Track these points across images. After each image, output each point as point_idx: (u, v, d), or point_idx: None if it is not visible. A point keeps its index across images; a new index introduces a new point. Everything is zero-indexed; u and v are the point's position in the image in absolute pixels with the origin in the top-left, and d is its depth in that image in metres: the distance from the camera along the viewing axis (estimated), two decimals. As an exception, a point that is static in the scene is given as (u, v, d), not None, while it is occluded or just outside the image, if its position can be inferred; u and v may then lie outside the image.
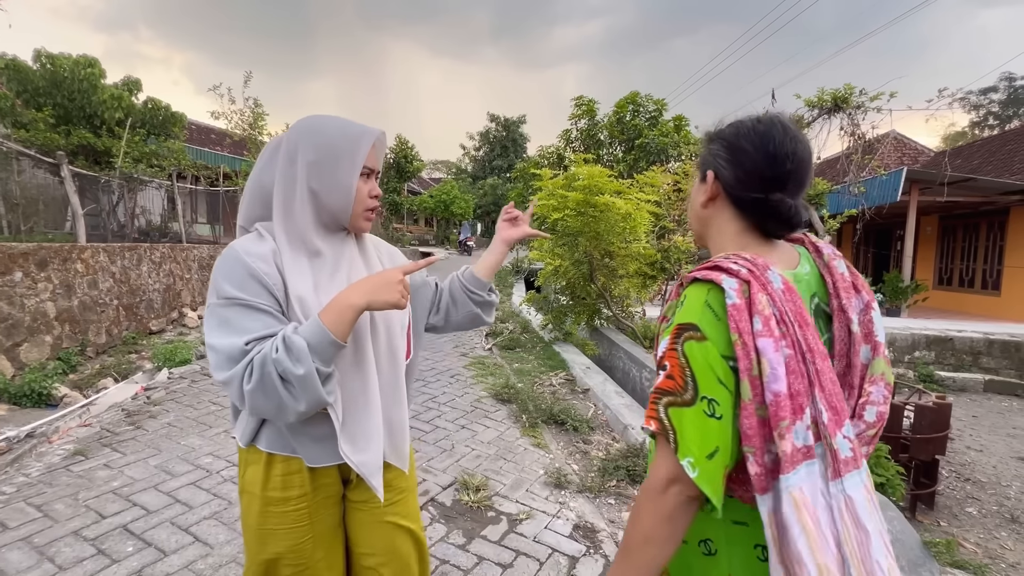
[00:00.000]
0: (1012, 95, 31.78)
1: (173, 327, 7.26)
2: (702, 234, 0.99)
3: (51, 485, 2.77)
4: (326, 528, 1.13)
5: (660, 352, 0.83)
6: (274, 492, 1.07)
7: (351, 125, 1.08)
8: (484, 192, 36.88)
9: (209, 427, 3.62)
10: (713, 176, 0.91)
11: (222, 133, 13.55)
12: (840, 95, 7.87)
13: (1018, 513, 3.62)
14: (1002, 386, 7.18)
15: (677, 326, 0.80)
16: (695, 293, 0.82)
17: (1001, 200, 10.40)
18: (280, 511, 1.08)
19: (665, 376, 0.78)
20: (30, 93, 8.66)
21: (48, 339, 4.90)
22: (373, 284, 1.00)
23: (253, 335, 0.95)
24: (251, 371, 0.92)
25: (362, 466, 1.05)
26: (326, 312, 0.96)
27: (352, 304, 0.97)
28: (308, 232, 1.06)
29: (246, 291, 0.98)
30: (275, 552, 1.09)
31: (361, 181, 1.09)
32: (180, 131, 10.70)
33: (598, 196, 5.53)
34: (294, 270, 1.03)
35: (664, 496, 0.77)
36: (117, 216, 8.19)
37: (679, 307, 0.83)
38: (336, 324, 0.95)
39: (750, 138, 0.87)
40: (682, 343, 0.78)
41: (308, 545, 1.10)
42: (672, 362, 0.78)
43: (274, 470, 1.08)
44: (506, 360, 5.88)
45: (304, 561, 1.10)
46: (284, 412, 0.94)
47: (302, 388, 0.92)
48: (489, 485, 2.89)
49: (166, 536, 2.33)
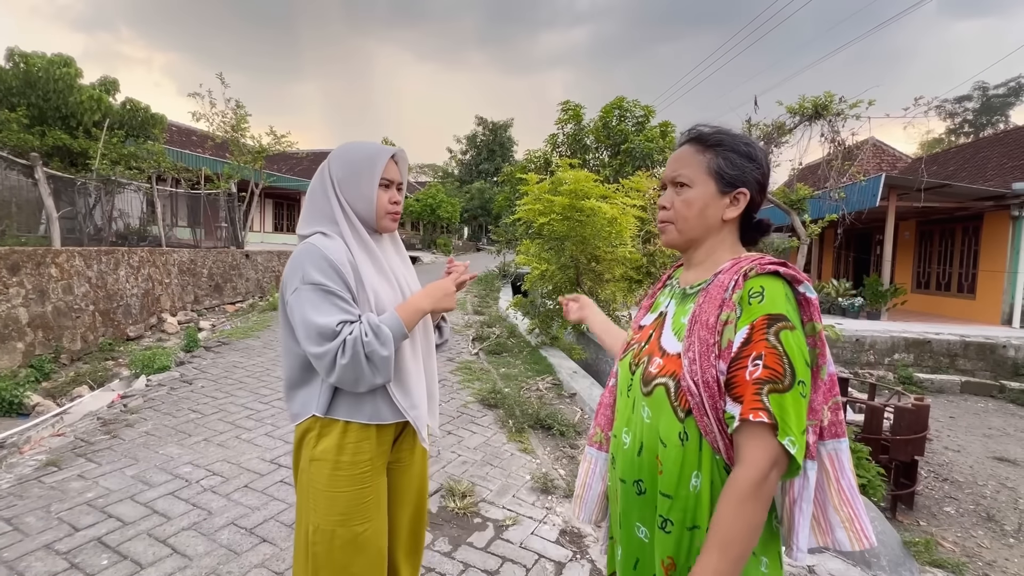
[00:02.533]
0: (985, 103, 32.74)
1: (152, 333, 7.10)
2: (698, 239, 0.99)
3: (22, 497, 2.68)
4: (382, 488, 1.35)
5: (742, 340, 0.85)
6: (346, 456, 1.28)
7: (370, 146, 1.34)
8: (471, 196, 36.87)
9: (188, 435, 3.54)
10: (747, 196, 0.96)
11: (204, 135, 13.35)
12: (821, 102, 8.03)
13: (994, 512, 3.70)
14: (978, 387, 7.36)
15: (766, 316, 0.84)
16: (774, 286, 0.86)
17: (975, 206, 10.68)
18: (348, 474, 1.28)
19: (763, 366, 0.82)
20: (2, 93, 8.45)
21: (20, 346, 4.75)
22: (437, 294, 1.31)
23: (340, 318, 1.19)
24: (344, 348, 1.16)
25: (417, 419, 1.34)
26: (402, 309, 1.27)
27: (422, 308, 1.30)
28: (361, 233, 1.32)
29: (330, 279, 1.22)
30: (343, 512, 1.28)
31: (382, 190, 1.33)
32: (160, 133, 10.52)
33: (584, 200, 5.55)
34: (364, 265, 1.29)
35: (767, 481, 0.81)
36: (94, 219, 7.99)
37: (753, 298, 0.86)
38: (409, 321, 1.26)
39: (766, 162, 0.98)
40: (776, 332, 0.83)
41: (372, 504, 1.31)
42: (766, 350, 0.82)
43: (348, 437, 1.29)
44: (493, 365, 5.85)
45: (368, 517, 1.30)
46: (361, 383, 1.21)
47: (384, 366, 1.20)
48: (475, 491, 2.87)
49: (143, 548, 2.27)
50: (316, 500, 1.29)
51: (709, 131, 0.97)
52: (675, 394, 0.90)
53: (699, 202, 0.96)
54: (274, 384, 4.80)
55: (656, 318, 1.05)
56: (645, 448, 0.95)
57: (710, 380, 0.86)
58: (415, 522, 1.50)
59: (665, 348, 0.96)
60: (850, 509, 0.92)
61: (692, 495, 0.88)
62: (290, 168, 21.81)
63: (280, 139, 13.51)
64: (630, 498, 0.99)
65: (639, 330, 1.09)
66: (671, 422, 0.90)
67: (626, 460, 0.99)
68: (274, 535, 2.41)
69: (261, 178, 13.41)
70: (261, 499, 2.73)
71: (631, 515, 0.99)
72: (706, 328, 0.88)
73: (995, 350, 7.88)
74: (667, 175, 1.01)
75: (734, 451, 0.85)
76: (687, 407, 0.88)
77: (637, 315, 1.15)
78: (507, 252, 15.84)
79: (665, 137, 12.38)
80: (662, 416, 0.92)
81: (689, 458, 0.89)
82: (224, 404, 4.21)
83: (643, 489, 0.96)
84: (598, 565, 2.31)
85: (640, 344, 1.04)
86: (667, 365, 0.93)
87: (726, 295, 0.88)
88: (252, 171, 12.93)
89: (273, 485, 2.88)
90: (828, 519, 0.93)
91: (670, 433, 0.90)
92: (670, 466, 0.90)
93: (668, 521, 0.91)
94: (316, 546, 1.28)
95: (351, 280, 1.25)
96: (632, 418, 0.99)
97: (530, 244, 6.87)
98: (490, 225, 26.44)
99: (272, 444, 3.44)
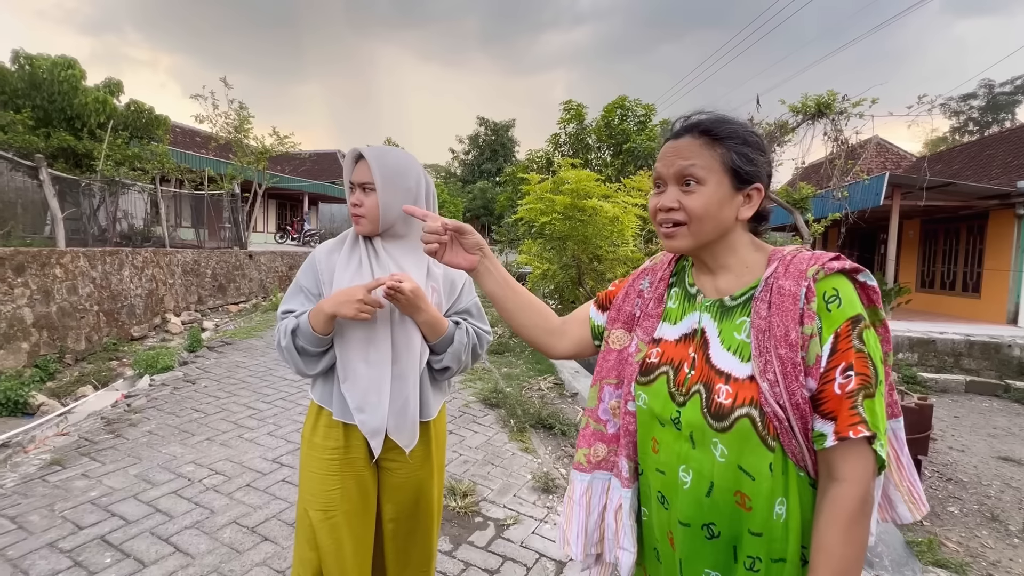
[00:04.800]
0: (991, 101, 32.53)
1: (156, 333, 7.14)
2: (712, 242, 0.89)
3: (26, 496, 2.70)
4: (354, 485, 1.36)
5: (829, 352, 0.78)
6: (317, 438, 1.38)
7: (350, 152, 1.39)
8: (473, 196, 36.90)
9: (191, 435, 3.55)
10: (762, 192, 0.88)
11: (208, 136, 13.40)
12: (823, 101, 7.99)
13: (998, 512, 3.68)
14: (983, 387, 7.31)
15: (849, 320, 0.78)
16: (845, 286, 0.81)
17: (980, 204, 10.62)
18: (318, 456, 1.36)
19: (856, 375, 0.76)
20: (8, 95, 8.50)
21: (25, 346, 4.78)
22: (340, 298, 1.27)
23: (287, 307, 1.38)
24: (276, 333, 1.36)
25: (362, 424, 1.33)
26: (312, 310, 1.31)
27: (322, 310, 1.29)
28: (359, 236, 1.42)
29: (305, 277, 1.40)
30: (310, 492, 1.35)
31: (350, 193, 1.39)
32: (164, 134, 10.56)
33: (585, 200, 5.55)
34: (342, 266, 1.37)
35: (871, 495, 0.77)
36: (98, 220, 8.03)
37: (831, 303, 0.80)
38: (314, 321, 1.30)
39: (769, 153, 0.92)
40: (859, 335, 0.78)
41: (336, 494, 1.34)
42: (856, 358, 0.77)
43: (320, 420, 1.39)
44: (494, 365, 5.86)
45: (331, 507, 1.33)
46: (294, 368, 1.35)
47: (289, 356, 1.33)
48: (476, 490, 2.87)
49: (145, 547, 2.28)
50: (299, 478, 1.42)
51: (713, 120, 0.87)
52: (763, 424, 0.79)
53: (716, 201, 0.84)
54: (276, 384, 4.81)
55: (686, 335, 0.92)
56: (716, 488, 0.83)
57: (800, 401, 0.77)
58: (405, 527, 1.45)
59: (727, 372, 0.83)
60: (909, 483, 0.92)
61: (779, 525, 0.81)
62: (293, 169, 21.86)
63: (283, 140, 13.56)
64: (698, 543, 0.86)
65: (653, 343, 0.95)
66: (760, 454, 0.80)
67: (690, 502, 0.86)
68: (275, 534, 2.42)
69: (264, 179, 13.46)
70: (263, 498, 2.74)
71: (698, 562, 0.87)
72: (785, 344, 0.78)
73: (1000, 349, 7.83)
74: (670, 170, 0.87)
75: (828, 468, 0.79)
76: (775, 434, 0.80)
77: (643, 324, 0.98)
78: (509, 252, 15.85)
79: (667, 136, 12.36)
80: (746, 449, 0.81)
81: (778, 487, 0.81)
82: (227, 404, 4.23)
83: (716, 533, 0.85)
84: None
85: (678, 367, 0.89)
86: (739, 392, 0.81)
87: (801, 305, 0.79)
88: (255, 172, 12.98)
89: (275, 484, 2.89)
90: (889, 496, 0.93)
91: (759, 466, 0.81)
92: (760, 502, 0.81)
93: (757, 560, 0.82)
94: (297, 524, 1.40)
95: (323, 278, 1.38)
96: (694, 454, 0.85)
97: (532, 244, 6.87)
98: (492, 225, 26.45)
99: (274, 443, 3.45)
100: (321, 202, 24.46)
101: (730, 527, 0.84)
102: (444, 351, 1.41)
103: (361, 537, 1.38)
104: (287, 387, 4.73)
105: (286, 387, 4.72)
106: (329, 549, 1.32)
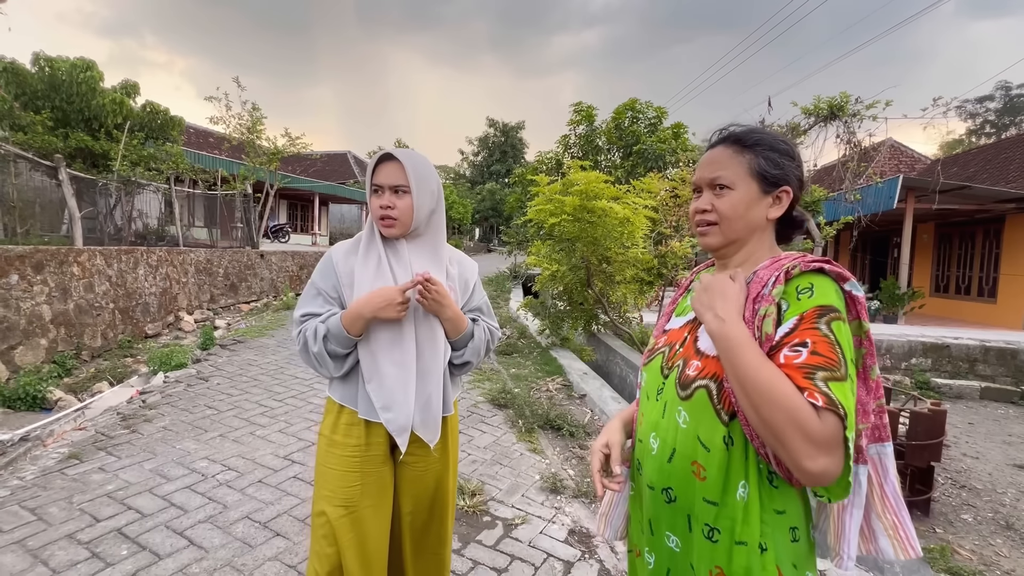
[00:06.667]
0: (1008, 103, 32.00)
1: (169, 331, 7.24)
2: (741, 240, 0.95)
3: (45, 488, 2.76)
4: (375, 481, 1.39)
5: (786, 330, 0.81)
6: (338, 436, 1.39)
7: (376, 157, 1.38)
8: (482, 197, 36.96)
9: (204, 431, 3.61)
10: (791, 195, 0.95)
11: (221, 137, 13.57)
12: (836, 103, 7.94)
13: (1013, 520, 3.63)
14: (998, 393, 7.19)
15: (818, 307, 0.81)
16: (823, 282, 0.84)
17: (997, 208, 10.46)
18: (339, 453, 1.38)
19: (810, 352, 0.77)
20: (28, 96, 8.67)
21: (43, 342, 4.88)
22: (377, 302, 1.29)
23: (307, 310, 1.38)
24: (299, 336, 1.36)
25: (388, 423, 1.35)
26: (346, 313, 1.32)
27: (362, 314, 1.30)
28: (375, 237, 1.40)
29: (321, 279, 1.40)
30: (330, 489, 1.36)
31: (374, 196, 1.37)
32: (178, 135, 10.71)
33: (595, 201, 5.54)
34: (362, 268, 1.37)
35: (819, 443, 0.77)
36: (114, 219, 8.17)
37: (803, 294, 0.83)
38: (349, 324, 1.31)
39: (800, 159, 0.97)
40: (828, 322, 0.80)
41: (357, 491, 1.36)
42: (816, 338, 0.78)
43: (341, 419, 1.40)
44: (503, 365, 5.87)
45: (351, 503, 1.36)
46: (317, 369, 1.37)
47: (321, 360, 1.34)
48: (485, 490, 2.89)
49: (160, 540, 2.32)
50: (316, 475, 1.42)
51: (744, 131, 0.95)
52: (718, 396, 0.86)
53: (743, 204, 0.93)
54: (288, 382, 4.87)
55: (688, 322, 1.01)
56: (677, 454, 0.91)
57: None
58: (422, 517, 1.50)
59: (703, 351, 0.92)
60: (894, 516, 0.89)
61: (739, 505, 0.85)
62: (304, 169, 22.06)
63: (295, 141, 13.70)
64: (659, 506, 0.95)
65: (663, 334, 1.06)
66: (714, 425, 0.86)
67: (655, 466, 0.95)
68: (287, 529, 2.45)
69: (276, 179, 13.60)
70: (275, 494, 2.77)
71: (660, 523, 0.96)
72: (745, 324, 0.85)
73: (1017, 355, 7.70)
74: (703, 178, 0.97)
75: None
76: (731, 409, 0.85)
77: (660, 321, 1.11)
78: (518, 253, 15.86)
79: (677, 138, 12.31)
80: (703, 420, 0.88)
81: (735, 465, 0.85)
82: (239, 401, 4.29)
83: (673, 497, 0.92)
84: (606, 565, 2.32)
85: (672, 347, 1.00)
86: (706, 367, 0.89)
87: (764, 291, 0.85)
88: (267, 172, 13.12)
89: (287, 480, 2.93)
90: (871, 526, 0.91)
91: (713, 437, 0.86)
92: (714, 472, 0.87)
93: (716, 530, 0.87)
94: (313, 520, 1.40)
95: (342, 280, 1.38)
96: (662, 423, 0.95)
97: (541, 245, 6.87)
98: (501, 226, 26.46)
99: (286, 440, 3.49)
100: (331, 203, 24.65)
101: (684, 494, 0.91)
102: (464, 347, 1.46)
103: (380, 530, 1.41)
104: (298, 385, 4.78)
105: (297, 385, 4.78)
106: (350, 543, 1.35)
